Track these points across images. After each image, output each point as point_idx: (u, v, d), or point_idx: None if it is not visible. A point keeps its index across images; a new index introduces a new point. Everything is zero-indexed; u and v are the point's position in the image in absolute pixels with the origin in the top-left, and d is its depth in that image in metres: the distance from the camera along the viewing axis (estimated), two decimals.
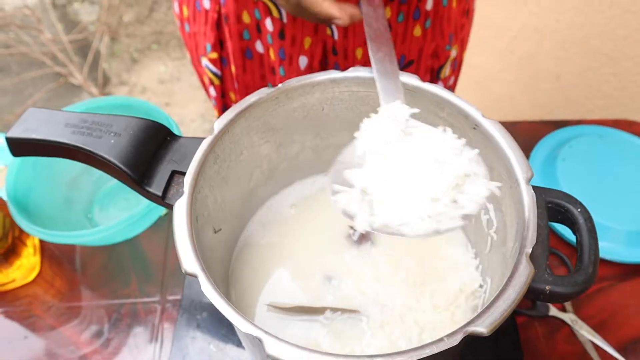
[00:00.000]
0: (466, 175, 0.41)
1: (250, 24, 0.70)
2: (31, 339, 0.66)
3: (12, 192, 0.67)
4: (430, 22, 0.69)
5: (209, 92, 0.85)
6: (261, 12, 0.67)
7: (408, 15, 0.66)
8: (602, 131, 0.82)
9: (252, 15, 0.68)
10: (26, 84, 2.39)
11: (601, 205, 0.71)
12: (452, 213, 0.40)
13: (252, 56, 0.73)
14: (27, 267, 0.70)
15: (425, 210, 0.40)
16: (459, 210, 0.40)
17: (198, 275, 0.38)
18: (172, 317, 0.66)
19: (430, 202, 0.40)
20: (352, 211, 0.41)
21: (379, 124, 0.45)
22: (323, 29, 0.66)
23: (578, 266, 0.40)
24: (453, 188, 0.40)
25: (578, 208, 0.43)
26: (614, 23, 1.10)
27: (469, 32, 0.83)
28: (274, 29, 0.68)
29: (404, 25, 0.68)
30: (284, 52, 0.70)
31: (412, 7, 0.66)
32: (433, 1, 0.67)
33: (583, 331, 0.64)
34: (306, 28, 0.66)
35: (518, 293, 0.37)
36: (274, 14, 0.66)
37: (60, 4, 2.79)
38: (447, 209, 0.40)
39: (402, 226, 0.40)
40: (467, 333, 0.35)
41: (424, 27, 0.69)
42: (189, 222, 0.41)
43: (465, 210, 0.40)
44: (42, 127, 0.47)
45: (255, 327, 0.35)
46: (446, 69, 0.77)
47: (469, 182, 0.41)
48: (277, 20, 0.67)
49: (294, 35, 0.67)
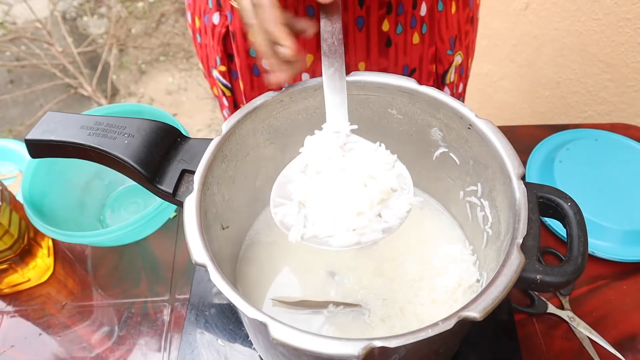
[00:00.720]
0: (392, 190, 0.45)
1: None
2: (45, 337, 0.68)
3: (28, 195, 0.70)
4: (426, 27, 0.70)
5: (221, 102, 0.87)
6: None
7: (406, 25, 0.68)
8: (599, 134, 0.84)
9: None
10: (37, 96, 2.44)
11: (597, 205, 0.73)
12: (374, 226, 0.44)
13: (258, 73, 0.74)
14: (41, 267, 0.73)
15: (350, 224, 0.44)
16: (382, 224, 0.44)
17: (207, 265, 0.40)
18: (181, 316, 0.69)
19: (355, 215, 0.44)
20: (289, 223, 0.45)
21: (322, 140, 0.48)
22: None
23: (568, 257, 0.42)
24: (378, 203, 0.44)
25: (568, 202, 0.45)
26: (610, 30, 1.13)
27: (474, 40, 0.83)
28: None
29: (404, 36, 0.69)
30: None
31: (409, 17, 0.67)
32: (427, 6, 0.68)
33: (580, 328, 0.65)
34: (308, 45, 0.67)
35: (509, 280, 0.39)
36: None
37: (70, 18, 2.85)
38: (370, 222, 0.44)
39: (329, 238, 0.44)
40: (461, 317, 0.37)
41: (421, 32, 0.70)
42: (198, 216, 0.44)
43: (387, 224, 0.44)
44: (59, 129, 0.50)
45: (260, 312, 0.38)
46: (451, 74, 0.78)
47: (394, 197, 0.45)
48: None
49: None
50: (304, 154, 0.49)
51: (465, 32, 0.77)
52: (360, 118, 0.57)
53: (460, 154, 0.53)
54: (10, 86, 2.50)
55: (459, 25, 0.74)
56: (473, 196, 0.55)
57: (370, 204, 0.44)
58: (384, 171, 0.46)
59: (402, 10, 0.66)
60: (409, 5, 0.66)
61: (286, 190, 0.47)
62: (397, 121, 0.57)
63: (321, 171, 0.47)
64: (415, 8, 0.67)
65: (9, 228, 0.66)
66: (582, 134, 0.85)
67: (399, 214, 0.44)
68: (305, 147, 0.49)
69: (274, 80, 0.50)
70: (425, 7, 0.68)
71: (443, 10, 0.70)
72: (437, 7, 0.69)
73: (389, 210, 0.44)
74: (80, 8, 2.90)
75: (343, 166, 0.46)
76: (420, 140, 0.56)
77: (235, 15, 0.68)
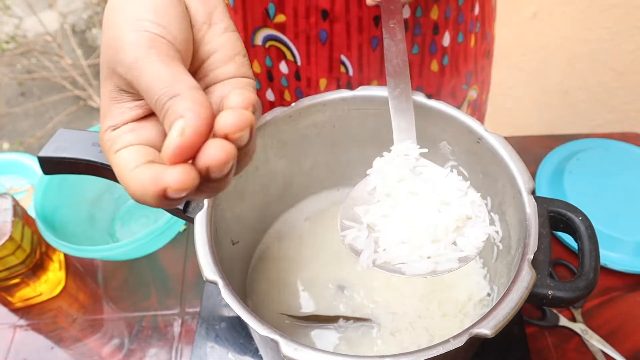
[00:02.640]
0: (468, 218, 0.43)
1: (260, 73, 0.70)
2: (57, 350, 0.69)
3: (40, 210, 0.71)
4: (448, 59, 0.68)
5: None
6: (273, 58, 0.67)
7: (424, 48, 0.66)
8: (609, 144, 0.84)
9: (263, 64, 0.68)
10: (47, 108, 2.47)
11: (609, 216, 0.72)
12: (450, 255, 0.42)
13: (262, 106, 0.73)
14: (53, 281, 0.73)
15: (425, 251, 0.42)
16: (457, 252, 0.42)
17: (218, 282, 0.41)
18: (191, 329, 0.69)
19: (430, 243, 0.42)
20: (359, 247, 0.43)
21: (391, 162, 0.47)
22: (337, 67, 0.66)
23: (579, 272, 0.42)
24: (454, 230, 0.42)
25: (579, 216, 0.45)
26: (620, 38, 1.12)
27: (490, 75, 0.81)
28: (289, 71, 0.68)
29: (420, 58, 0.67)
30: (300, 92, 0.70)
31: (428, 40, 0.66)
32: (450, 36, 0.66)
33: (593, 341, 0.65)
34: (320, 69, 0.67)
35: (520, 297, 0.38)
36: (288, 57, 0.66)
37: (79, 30, 2.88)
38: (446, 250, 0.42)
39: (402, 265, 0.42)
40: (472, 335, 0.37)
41: (442, 63, 0.68)
42: (208, 233, 0.44)
43: (463, 253, 0.42)
44: (71, 146, 0.50)
45: (271, 329, 0.38)
46: (462, 109, 0.76)
47: (469, 224, 0.43)
48: (291, 63, 0.67)
49: (308, 77, 0.68)
50: (372, 176, 0.47)
51: (481, 67, 0.76)
52: (368, 131, 0.58)
53: (470, 167, 0.53)
54: (21, 98, 2.53)
55: (475, 59, 0.73)
56: None
57: (445, 231, 0.42)
58: (458, 197, 0.44)
59: (419, 31, 0.64)
60: (428, 29, 0.65)
61: (353, 213, 0.45)
62: None
63: (392, 195, 0.45)
64: (437, 34, 0.65)
65: (21, 243, 0.67)
66: (593, 144, 0.85)
67: (475, 242, 0.42)
68: (374, 169, 0.47)
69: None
70: (449, 37, 0.66)
71: (463, 42, 0.69)
72: (458, 39, 0.68)
73: (464, 238, 0.42)
74: (89, 20, 2.93)
75: (415, 190, 0.45)
76: (429, 153, 0.56)
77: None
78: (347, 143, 0.59)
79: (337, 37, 0.63)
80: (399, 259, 0.42)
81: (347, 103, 0.55)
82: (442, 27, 0.65)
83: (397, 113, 0.48)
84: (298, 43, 0.64)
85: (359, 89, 0.54)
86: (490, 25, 0.75)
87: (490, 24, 0.75)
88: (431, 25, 0.65)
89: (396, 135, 0.48)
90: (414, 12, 0.63)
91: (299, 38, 0.64)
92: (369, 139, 0.58)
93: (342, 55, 0.65)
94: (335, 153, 0.61)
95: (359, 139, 0.59)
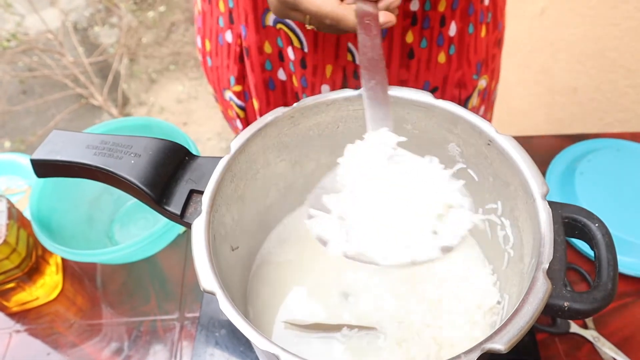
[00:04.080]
0: (449, 207, 0.40)
1: (271, 53, 0.69)
2: (54, 356, 0.67)
3: (36, 212, 0.69)
4: (454, 49, 0.67)
5: (234, 125, 0.85)
6: (283, 40, 0.67)
7: (431, 41, 0.66)
8: (620, 144, 0.82)
9: (274, 44, 0.68)
10: (49, 106, 2.46)
11: (621, 219, 0.70)
12: (431, 243, 0.39)
13: (274, 87, 0.72)
14: (50, 285, 0.71)
15: (402, 240, 0.39)
16: (438, 241, 0.39)
17: (216, 293, 0.39)
18: (190, 335, 0.67)
19: (408, 231, 0.39)
20: (326, 237, 0.41)
21: (364, 151, 0.44)
22: (344, 55, 0.66)
23: (597, 282, 0.40)
24: (435, 218, 0.40)
25: (595, 223, 0.43)
26: (630, 36, 1.10)
27: (500, 63, 0.80)
28: (295, 57, 0.68)
29: (428, 52, 0.66)
30: (305, 81, 0.69)
31: (436, 33, 0.65)
32: (457, 27, 0.66)
33: (605, 348, 0.62)
34: (327, 57, 0.66)
35: (535, 309, 0.36)
36: (295, 43, 0.66)
37: (81, 28, 2.87)
38: (426, 239, 0.39)
39: (377, 255, 0.39)
40: (484, 350, 0.35)
41: (448, 53, 0.67)
42: (207, 240, 0.42)
43: (444, 242, 0.39)
44: (65, 149, 0.48)
45: (272, 344, 0.36)
46: (474, 99, 0.76)
47: (452, 213, 0.40)
48: (298, 50, 0.66)
49: (315, 65, 0.67)
50: (342, 164, 0.44)
51: (492, 56, 0.75)
52: None
53: (479, 170, 0.51)
54: (22, 96, 2.52)
55: (487, 49, 0.72)
56: (493, 214, 0.52)
57: (424, 220, 0.39)
58: (438, 186, 0.41)
59: (428, 24, 0.64)
60: (436, 22, 0.64)
61: (322, 203, 0.42)
62: (412, 136, 0.54)
63: (364, 183, 0.42)
64: (444, 26, 0.65)
65: (16, 247, 0.65)
66: (603, 144, 0.82)
67: (457, 231, 0.39)
68: (345, 157, 0.44)
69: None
70: (455, 28, 0.66)
71: (473, 33, 0.68)
72: (468, 30, 0.67)
73: (446, 226, 0.40)
74: (91, 18, 2.92)
75: (390, 179, 0.42)
76: (437, 155, 0.54)
77: (250, 29, 0.67)
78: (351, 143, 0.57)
79: None
80: (373, 249, 0.39)
81: (350, 103, 0.53)
82: (448, 19, 0.65)
83: (372, 104, 0.46)
84: (305, 29, 0.63)
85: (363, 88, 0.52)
86: (502, 15, 0.74)
87: (502, 13, 0.74)
88: (438, 17, 0.64)
89: (370, 124, 0.45)
90: (423, 6, 0.62)
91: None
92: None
93: (349, 42, 0.64)
94: (338, 154, 0.59)
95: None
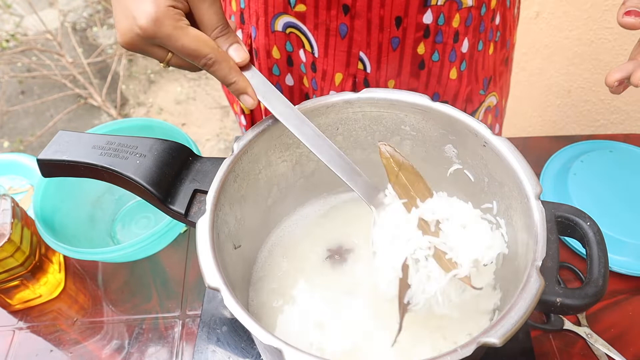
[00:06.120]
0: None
1: (280, 59, 0.70)
2: (56, 353, 0.68)
3: (39, 211, 0.70)
4: (465, 65, 0.68)
5: (239, 120, 0.86)
6: (293, 44, 0.67)
7: (444, 55, 0.66)
8: (613, 146, 0.83)
9: (283, 49, 0.68)
10: (47, 106, 2.46)
11: (614, 219, 0.72)
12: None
13: (281, 91, 0.72)
14: (52, 283, 0.72)
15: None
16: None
17: (221, 289, 0.40)
18: (192, 332, 0.68)
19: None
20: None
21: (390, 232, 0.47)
22: (355, 63, 0.66)
23: (588, 279, 0.41)
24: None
25: (587, 222, 0.44)
26: (623, 39, 1.12)
27: (509, 80, 0.81)
28: (307, 60, 0.68)
29: (440, 65, 0.67)
30: (316, 83, 0.70)
31: (449, 49, 0.65)
32: (469, 43, 0.66)
33: (598, 345, 0.64)
34: (337, 64, 0.66)
35: (529, 305, 0.38)
36: (306, 47, 0.66)
37: (80, 28, 2.87)
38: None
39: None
40: (480, 343, 0.36)
41: (460, 69, 0.68)
42: (211, 238, 0.43)
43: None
44: (71, 149, 0.49)
45: (275, 338, 0.37)
46: (480, 114, 0.76)
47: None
48: (309, 54, 0.67)
49: (324, 70, 0.67)
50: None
51: (499, 73, 0.75)
52: (372, 135, 0.57)
53: (475, 171, 0.53)
54: (21, 97, 2.52)
55: (494, 67, 0.73)
56: (488, 214, 0.53)
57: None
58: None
59: (440, 38, 0.64)
60: (449, 37, 0.64)
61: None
62: (410, 138, 0.56)
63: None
64: (457, 42, 0.65)
65: (20, 245, 0.66)
66: (596, 145, 0.84)
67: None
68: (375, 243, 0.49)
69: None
70: (468, 44, 0.66)
71: (482, 50, 0.68)
72: (478, 46, 0.67)
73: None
74: (90, 19, 2.92)
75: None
76: (434, 157, 0.56)
77: (259, 31, 0.68)
78: (350, 146, 0.59)
79: (357, 34, 0.62)
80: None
81: (350, 105, 0.54)
82: (461, 35, 0.65)
83: (350, 179, 0.50)
84: (317, 34, 0.64)
85: (363, 91, 0.53)
86: (511, 34, 0.75)
87: (511, 32, 0.74)
88: (452, 33, 0.64)
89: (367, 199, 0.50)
90: (436, 20, 0.62)
91: (318, 29, 0.63)
92: (373, 143, 0.57)
93: (361, 52, 0.64)
94: None
95: (363, 142, 0.58)
